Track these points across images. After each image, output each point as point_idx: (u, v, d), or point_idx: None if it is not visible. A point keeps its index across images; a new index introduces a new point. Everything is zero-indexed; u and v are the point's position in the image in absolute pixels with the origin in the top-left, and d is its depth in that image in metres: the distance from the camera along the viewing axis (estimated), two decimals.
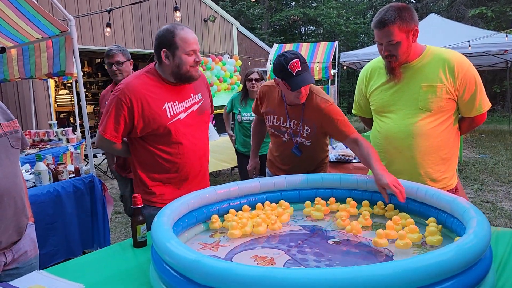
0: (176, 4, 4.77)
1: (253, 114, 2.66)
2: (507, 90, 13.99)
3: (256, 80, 4.15)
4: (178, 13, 4.92)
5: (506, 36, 8.80)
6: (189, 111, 2.07)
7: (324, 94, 2.20)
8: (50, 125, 5.68)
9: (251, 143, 2.83)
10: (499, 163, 7.13)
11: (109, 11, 4.99)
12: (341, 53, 11.01)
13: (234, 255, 1.48)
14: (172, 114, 1.99)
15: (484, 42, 8.94)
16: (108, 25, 5.16)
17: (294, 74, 1.99)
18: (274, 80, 2.14)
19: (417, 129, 1.96)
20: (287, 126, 2.26)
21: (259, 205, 1.89)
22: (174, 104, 2.01)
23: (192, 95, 2.10)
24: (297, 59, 2.00)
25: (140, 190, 2.07)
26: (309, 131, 2.20)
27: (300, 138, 2.25)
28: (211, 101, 2.31)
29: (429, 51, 1.99)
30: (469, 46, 8.48)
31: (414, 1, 21.02)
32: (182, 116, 2.03)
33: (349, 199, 1.91)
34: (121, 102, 1.91)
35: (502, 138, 9.95)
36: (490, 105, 2.04)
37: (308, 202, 1.92)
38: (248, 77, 4.17)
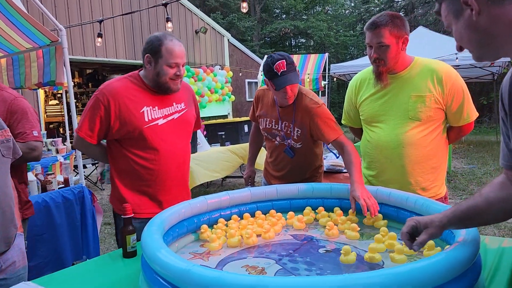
0: (167, 15, 4.77)
1: None
2: (494, 102, 14.22)
3: None
4: (169, 24, 4.94)
5: None
6: (169, 118, 2.05)
7: (314, 96, 2.24)
8: None
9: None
10: (487, 173, 7.21)
11: (100, 22, 5.00)
12: (331, 65, 11.11)
13: (224, 265, 1.47)
14: (150, 118, 1.98)
15: (471, 54, 9.08)
16: (99, 35, 5.15)
17: (279, 74, 2.06)
18: (265, 81, 2.18)
19: (407, 139, 1.99)
20: (279, 129, 2.29)
21: (247, 215, 1.88)
22: (154, 109, 2.00)
23: (174, 103, 2.09)
24: (283, 60, 2.07)
25: (116, 200, 2.03)
26: (299, 132, 2.23)
27: (291, 140, 2.28)
28: (197, 115, 2.30)
29: (417, 62, 2.03)
30: (457, 58, 8.63)
31: (402, 14, 21.36)
32: (160, 122, 2.01)
33: (336, 208, 1.92)
34: (99, 101, 1.92)
35: (490, 149, 10.07)
36: (477, 114, 2.08)
37: (291, 213, 1.92)
38: None
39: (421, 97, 1.97)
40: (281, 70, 2.06)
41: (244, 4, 4.26)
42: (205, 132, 5.96)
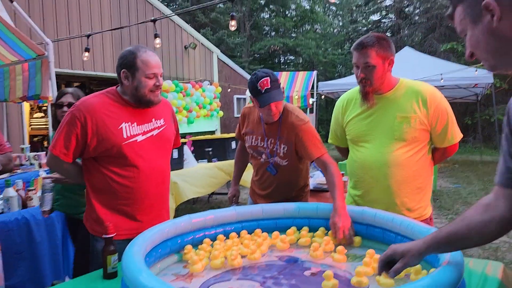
0: (156, 31, 4.77)
1: None
2: (478, 122, 14.48)
3: (70, 106, 2.51)
4: (158, 40, 4.92)
5: (476, 70, 9.19)
6: (148, 135, 2.00)
7: (300, 113, 2.26)
8: (23, 149, 5.51)
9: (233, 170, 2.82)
10: (472, 193, 7.29)
11: (88, 36, 4.97)
12: (319, 83, 11.23)
13: (208, 287, 1.44)
14: (129, 135, 1.92)
15: (455, 75, 9.30)
16: (87, 50, 5.12)
17: (263, 91, 2.07)
18: (250, 97, 2.20)
19: (393, 159, 2.00)
20: (265, 146, 2.30)
21: (233, 234, 1.86)
22: (132, 125, 1.95)
23: (153, 119, 2.04)
24: (267, 77, 2.09)
25: (93, 220, 1.97)
26: (285, 149, 2.23)
27: (277, 158, 2.28)
28: (177, 132, 2.25)
29: (402, 83, 2.06)
30: (442, 79, 8.80)
31: (389, 35, 21.80)
32: (139, 138, 1.96)
33: (320, 228, 1.90)
34: (75, 118, 1.85)
35: (475, 168, 10.21)
36: (462, 135, 2.11)
37: (276, 233, 1.89)
38: (59, 102, 2.62)
39: (407, 118, 1.99)
40: (265, 88, 2.07)
41: (233, 22, 4.30)
42: (192, 148, 5.92)
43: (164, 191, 2.10)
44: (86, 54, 5.18)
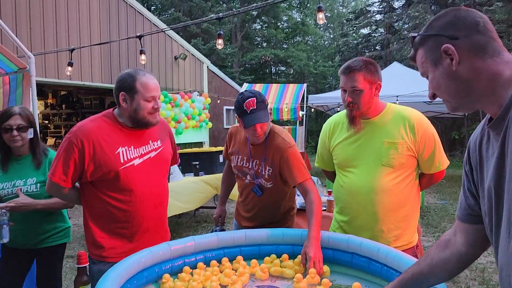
0: (142, 47, 4.71)
1: (15, 186, 2.32)
2: (465, 137, 14.62)
3: (20, 129, 2.26)
4: (143, 56, 4.86)
5: None
6: (145, 157, 1.99)
7: (287, 135, 2.23)
8: None
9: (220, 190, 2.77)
10: None
11: (71, 50, 4.88)
12: (309, 96, 11.25)
13: None
14: (126, 159, 1.91)
15: None
16: (70, 64, 5.01)
17: (248, 112, 2.05)
18: (236, 117, 2.17)
19: (380, 185, 1.96)
20: (250, 167, 2.27)
21: (213, 263, 1.79)
22: (129, 149, 1.94)
23: (150, 141, 2.03)
24: (254, 98, 2.06)
25: (90, 243, 1.94)
26: (270, 171, 2.20)
27: (262, 179, 2.24)
28: (174, 151, 2.24)
29: (390, 109, 2.03)
30: None
31: (379, 48, 22.05)
32: (136, 162, 1.94)
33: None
34: (72, 144, 1.84)
35: (461, 184, 10.25)
36: (448, 162, 2.08)
37: (254, 261, 1.83)
38: (5, 125, 2.26)
39: (394, 144, 1.95)
40: (251, 108, 2.04)
41: (220, 41, 4.27)
42: (178, 161, 5.85)
43: (162, 213, 2.08)
44: (69, 68, 5.06)
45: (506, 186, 0.91)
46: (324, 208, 3.54)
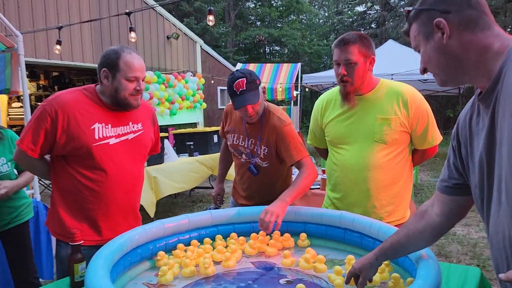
0: (131, 24, 4.61)
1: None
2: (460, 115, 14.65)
3: None
4: (133, 34, 4.76)
5: None
6: (122, 138, 1.90)
7: (282, 114, 2.21)
8: None
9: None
10: None
11: (59, 28, 4.77)
12: (304, 75, 11.17)
13: None
14: (101, 136, 1.83)
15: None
16: (58, 43, 4.91)
17: (238, 93, 2.03)
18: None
19: (373, 161, 1.96)
20: (245, 146, 2.25)
21: (207, 240, 1.80)
22: (106, 127, 1.86)
23: (130, 123, 1.95)
24: (244, 78, 2.03)
25: (55, 221, 1.87)
26: (266, 151, 2.19)
27: (257, 159, 2.23)
28: (156, 139, 2.16)
29: (383, 84, 2.01)
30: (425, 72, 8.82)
31: (374, 26, 21.85)
32: (112, 141, 1.86)
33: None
34: (46, 113, 1.76)
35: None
36: (442, 138, 2.08)
37: (242, 238, 1.85)
38: None
39: (387, 120, 1.95)
40: (240, 89, 2.02)
41: (211, 17, 4.19)
42: (173, 142, 5.82)
43: (134, 199, 1.99)
44: (58, 47, 4.96)
45: (497, 156, 0.93)
46: (318, 187, 3.56)
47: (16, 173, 2.44)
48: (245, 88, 2.02)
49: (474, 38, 0.97)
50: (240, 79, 2.02)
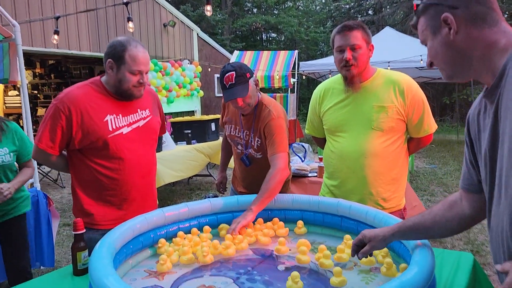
0: (129, 14, 4.58)
1: None
2: (456, 102, 14.70)
3: None
4: (131, 24, 4.73)
5: None
6: (134, 126, 1.99)
7: (275, 107, 2.20)
8: None
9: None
10: (447, 173, 7.44)
11: (57, 18, 4.74)
12: (301, 63, 11.15)
13: (180, 284, 1.43)
14: (114, 127, 1.91)
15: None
16: (56, 32, 4.89)
17: (227, 86, 2.06)
18: None
19: (370, 149, 1.99)
20: (241, 137, 2.30)
21: (207, 228, 1.84)
22: (118, 117, 1.93)
23: (138, 110, 2.03)
24: (234, 72, 2.04)
25: (78, 211, 1.95)
26: (259, 142, 2.23)
27: (251, 150, 2.27)
28: (162, 120, 2.24)
29: (380, 73, 2.04)
30: (421, 60, 8.82)
31: (371, 13, 21.72)
32: (125, 130, 1.95)
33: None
34: (59, 110, 1.82)
35: (451, 149, 10.41)
36: (436, 126, 2.12)
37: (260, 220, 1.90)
38: None
39: (384, 108, 1.98)
40: (229, 83, 2.04)
41: (208, 7, 4.17)
42: (171, 130, 5.83)
43: (150, 182, 2.09)
44: (56, 37, 4.94)
45: (499, 152, 0.95)
46: (315, 174, 3.60)
47: (17, 166, 2.47)
48: (234, 82, 2.04)
49: (481, 34, 0.98)
50: (229, 73, 2.04)
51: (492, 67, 0.97)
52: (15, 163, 2.44)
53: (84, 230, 1.61)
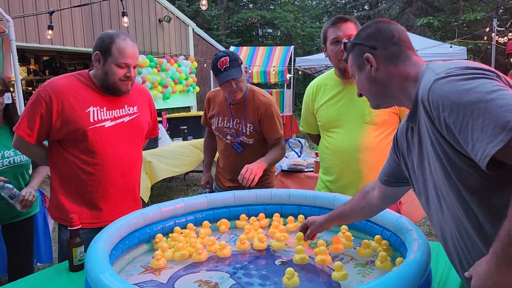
0: (124, 9, 4.55)
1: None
2: None
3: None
4: (125, 19, 4.70)
5: (451, 46, 9.29)
6: (118, 121, 1.93)
7: (266, 93, 2.38)
8: None
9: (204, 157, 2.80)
10: None
11: (51, 13, 4.70)
12: (297, 58, 11.14)
13: (177, 280, 1.43)
14: (96, 119, 1.86)
15: (430, 51, 9.38)
16: (50, 27, 4.84)
17: (222, 70, 2.17)
18: (214, 78, 2.31)
19: (364, 143, 2.00)
20: (230, 126, 2.37)
21: (206, 223, 1.83)
22: (101, 110, 1.88)
23: (126, 106, 1.97)
24: (227, 56, 2.18)
25: (53, 206, 1.91)
26: (251, 128, 2.32)
27: (243, 137, 2.35)
28: (154, 122, 2.19)
29: None
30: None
31: (367, 8, 21.70)
32: (107, 124, 1.89)
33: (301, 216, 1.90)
34: (40, 98, 1.79)
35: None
36: None
37: (243, 215, 1.91)
38: None
39: None
40: (224, 66, 2.16)
41: (204, 2, 4.15)
42: (167, 126, 5.82)
43: (131, 181, 2.01)
44: (50, 32, 4.90)
45: (426, 167, 1.10)
46: (312, 169, 3.61)
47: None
48: (228, 65, 2.16)
49: (396, 70, 1.13)
50: (223, 58, 2.17)
51: (409, 96, 1.11)
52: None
53: (80, 226, 1.60)
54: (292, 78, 11.04)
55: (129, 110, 1.98)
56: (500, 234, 0.84)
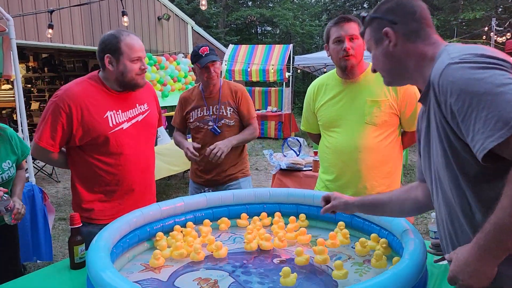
0: (124, 8, 4.56)
1: None
2: None
3: None
4: (125, 18, 4.71)
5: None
6: (133, 121, 2.00)
7: (237, 83, 2.74)
8: None
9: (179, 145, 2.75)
10: None
11: (51, 12, 4.70)
12: (295, 57, 11.14)
13: (176, 278, 1.44)
14: (115, 123, 1.92)
15: None
16: (50, 26, 4.85)
17: (203, 55, 2.50)
18: (193, 69, 2.60)
19: (364, 143, 2.02)
20: (209, 114, 2.60)
21: (206, 222, 1.85)
22: (117, 113, 1.94)
23: (137, 105, 2.04)
24: (207, 46, 2.56)
25: (77, 206, 1.96)
26: (231, 110, 2.61)
27: (225, 120, 2.60)
28: (159, 113, 2.26)
29: None
30: None
31: (366, 7, 21.69)
32: (125, 125, 1.96)
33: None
34: (59, 108, 1.82)
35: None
36: None
37: (244, 215, 1.92)
38: None
39: (377, 102, 2.00)
40: (205, 52, 2.51)
41: (203, 1, 4.16)
42: (165, 125, 5.82)
43: (149, 177, 2.11)
44: (50, 31, 4.91)
45: (431, 151, 1.09)
46: (310, 168, 3.63)
47: None
48: (208, 52, 2.51)
49: (414, 47, 1.12)
50: (204, 47, 2.54)
51: (423, 76, 1.10)
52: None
53: (81, 224, 1.62)
54: (291, 77, 11.04)
55: (140, 108, 2.05)
56: (485, 226, 0.87)
